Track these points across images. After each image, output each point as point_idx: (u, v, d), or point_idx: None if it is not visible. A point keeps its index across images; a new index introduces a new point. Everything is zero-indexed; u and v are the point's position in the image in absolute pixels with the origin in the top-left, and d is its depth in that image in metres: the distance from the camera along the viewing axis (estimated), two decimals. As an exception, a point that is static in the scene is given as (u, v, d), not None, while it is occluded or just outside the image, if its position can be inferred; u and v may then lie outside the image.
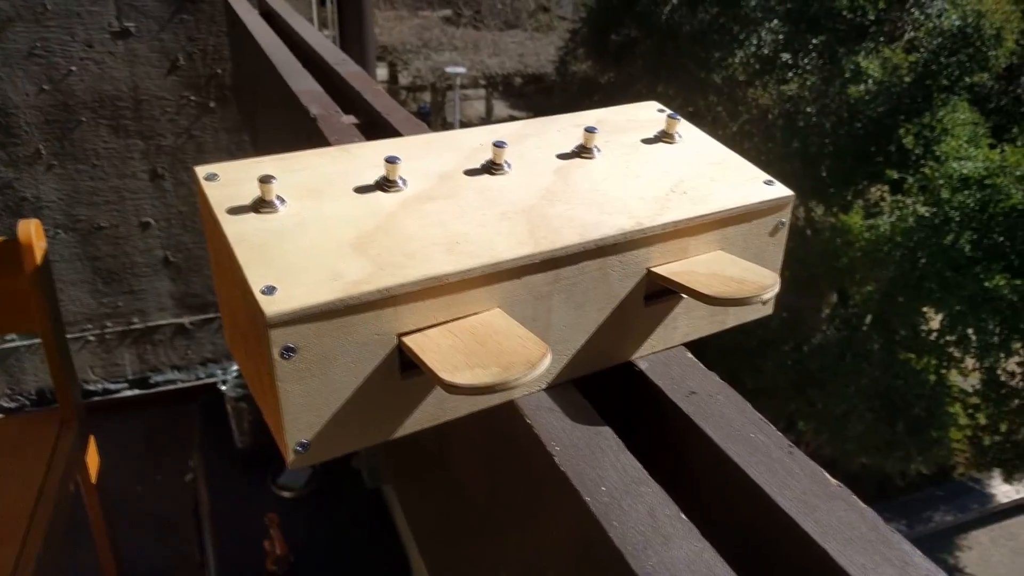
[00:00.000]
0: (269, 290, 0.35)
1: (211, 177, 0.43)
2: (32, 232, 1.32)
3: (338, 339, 0.36)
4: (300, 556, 1.24)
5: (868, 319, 7.34)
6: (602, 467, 0.37)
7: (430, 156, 0.49)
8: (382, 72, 18.82)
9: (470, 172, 0.48)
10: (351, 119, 0.96)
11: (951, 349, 6.84)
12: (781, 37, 8.20)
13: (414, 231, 0.41)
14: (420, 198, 0.44)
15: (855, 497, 0.35)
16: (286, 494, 1.38)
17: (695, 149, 0.55)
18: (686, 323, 0.50)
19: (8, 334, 2.04)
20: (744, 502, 0.36)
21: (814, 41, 7.97)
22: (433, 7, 20.67)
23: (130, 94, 1.96)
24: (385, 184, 0.44)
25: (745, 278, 0.44)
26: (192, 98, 2.02)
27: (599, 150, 0.52)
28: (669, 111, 0.57)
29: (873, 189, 7.81)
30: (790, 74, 8.10)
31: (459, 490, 0.52)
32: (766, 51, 8.38)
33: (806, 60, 8.06)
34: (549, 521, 0.39)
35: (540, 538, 0.40)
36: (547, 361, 0.36)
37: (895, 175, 7.06)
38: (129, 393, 2.25)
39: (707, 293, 0.43)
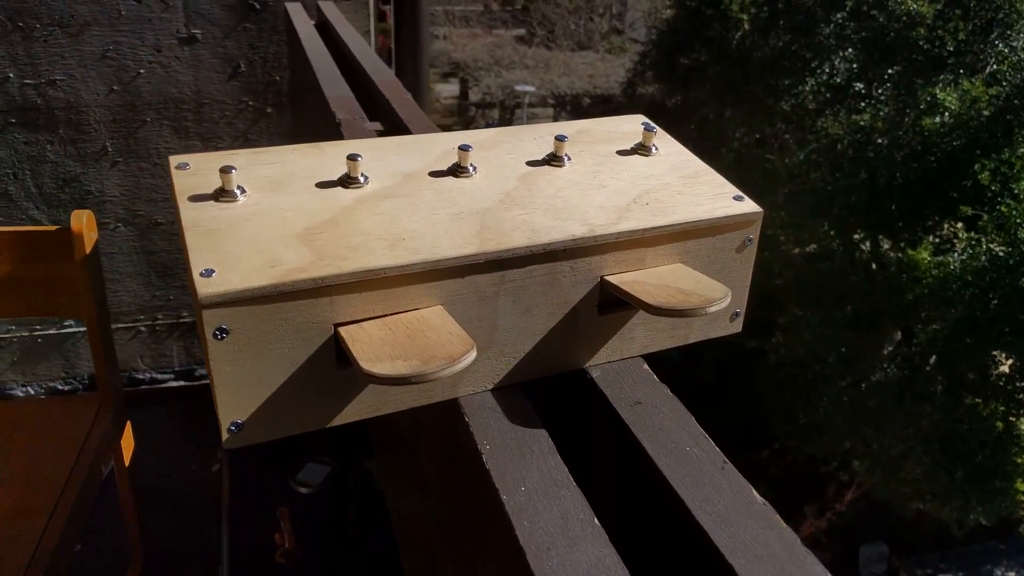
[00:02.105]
0: (208, 272, 0.37)
1: (182, 166, 0.46)
2: (84, 223, 1.39)
3: (273, 324, 0.38)
4: (308, 551, 1.26)
5: (932, 359, 7.06)
6: (527, 468, 0.37)
7: (400, 157, 0.51)
8: (453, 88, 19.12)
9: (435, 174, 0.49)
10: (375, 125, 0.99)
11: (1022, 396, 6.52)
12: (855, 66, 8.02)
13: (364, 226, 0.42)
14: (378, 195, 0.46)
15: (778, 517, 0.35)
16: (303, 490, 1.41)
17: (670, 162, 0.55)
18: (644, 334, 0.50)
19: (58, 318, 2.14)
20: (666, 513, 0.36)
21: (889, 71, 7.77)
22: (507, 26, 20.93)
23: (193, 97, 2.05)
24: (346, 180, 0.46)
25: (694, 291, 0.44)
26: (250, 103, 2.10)
27: (570, 159, 0.52)
28: (649, 124, 0.58)
29: (944, 225, 7.53)
30: (862, 104, 7.91)
31: (423, 482, 0.53)
32: (838, 80, 8.21)
33: (880, 90, 7.85)
34: (479, 518, 0.39)
35: (475, 533, 0.41)
36: (469, 358, 0.36)
37: (969, 211, 6.80)
38: (174, 384, 2.34)
39: (648, 302, 0.43)
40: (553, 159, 0.52)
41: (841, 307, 7.43)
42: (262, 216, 0.42)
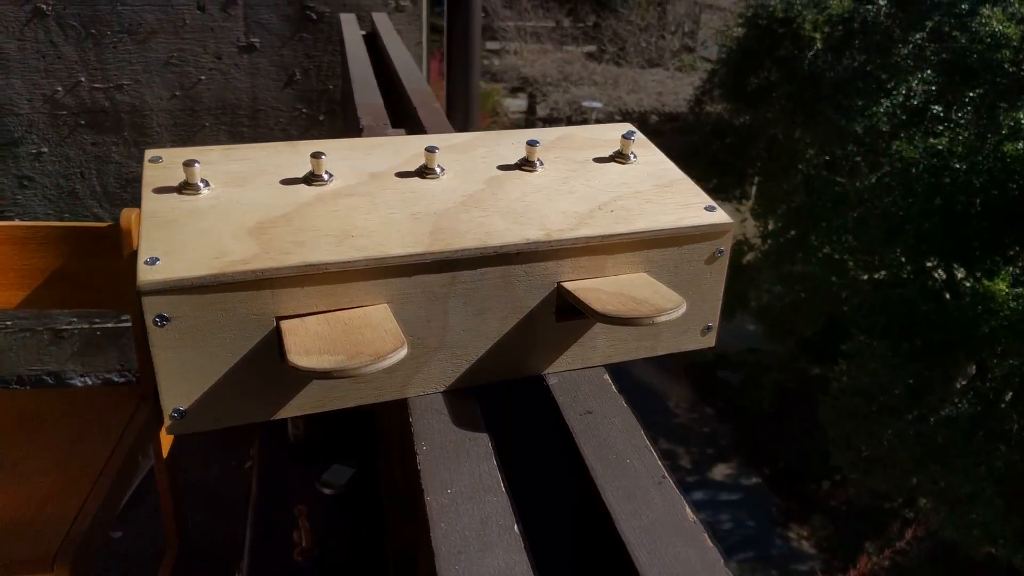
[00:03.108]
0: (152, 261, 0.38)
1: (155, 160, 0.47)
2: (133, 220, 1.45)
3: (214, 314, 0.38)
4: (326, 551, 1.27)
5: (1008, 395, 6.70)
6: (459, 471, 0.36)
7: (372, 157, 0.51)
8: (521, 103, 19.25)
9: (403, 174, 0.49)
10: (398, 132, 1.00)
11: (1105, 440, 6.13)
12: (933, 88, 7.74)
13: (316, 222, 0.43)
14: (339, 193, 0.46)
15: (706, 536, 0.33)
16: (327, 490, 1.42)
17: (646, 171, 0.53)
18: (606, 343, 0.49)
19: (112, 312, 2.22)
20: (595, 523, 0.35)
21: (970, 94, 7.47)
22: (578, 43, 20.99)
23: (249, 103, 2.12)
24: (311, 178, 0.47)
25: (647, 300, 0.43)
26: (304, 110, 2.15)
27: (542, 164, 0.52)
28: (630, 132, 0.57)
29: (1025, 256, 7.17)
30: (940, 127, 7.62)
31: (392, 484, 0.53)
32: (916, 102, 7.93)
33: (960, 113, 7.56)
34: (415, 517, 0.39)
35: (414, 531, 0.41)
36: (396, 356, 0.36)
37: (1052, 243, 6.46)
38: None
39: (596, 309, 0.41)
40: (525, 164, 0.52)
41: (910, 337, 7.14)
42: (219, 209, 0.43)
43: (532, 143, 0.51)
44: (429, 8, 2.30)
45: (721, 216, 0.49)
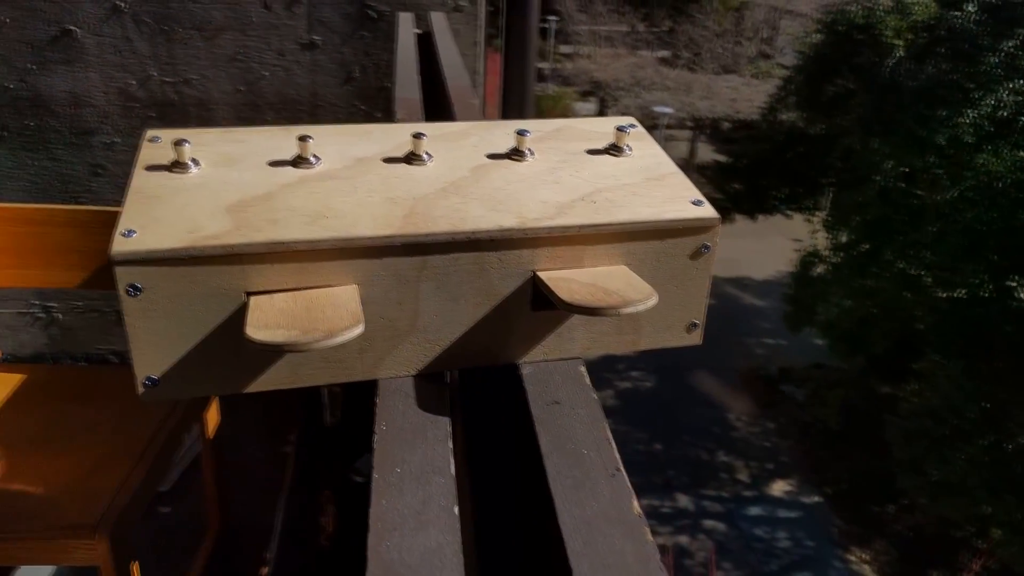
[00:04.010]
0: (128, 233, 0.39)
1: (154, 139, 0.49)
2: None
3: (184, 286, 0.40)
4: (352, 539, 1.30)
5: (1094, 427, 6.32)
6: (412, 451, 0.37)
7: (362, 142, 0.52)
8: (591, 107, 19.20)
9: (389, 160, 0.49)
10: (431, 126, 1.01)
11: None
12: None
13: (294, 203, 0.44)
14: (323, 176, 0.47)
15: (647, 531, 0.32)
16: (359, 478, 1.45)
17: (638, 164, 0.53)
18: (585, 335, 0.48)
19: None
20: (539, 511, 0.35)
21: (1064, 106, 7.08)
22: (652, 48, 20.80)
23: (309, 99, 2.18)
24: (298, 160, 0.47)
25: (617, 291, 0.42)
26: (361, 107, 2.20)
27: (532, 154, 0.51)
28: (626, 124, 0.56)
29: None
30: (1029, 140, 7.24)
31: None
32: (1004, 113, 7.57)
33: (1052, 126, 7.17)
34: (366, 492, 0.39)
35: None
36: (349, 334, 0.36)
37: None
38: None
39: (562, 297, 0.41)
40: (514, 153, 0.51)
41: (989, 359, 6.80)
42: (203, 187, 0.44)
43: (522, 132, 0.51)
44: (487, 9, 2.31)
45: (707, 211, 0.48)
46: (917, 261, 7.76)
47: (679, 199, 0.49)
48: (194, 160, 0.46)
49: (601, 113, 18.81)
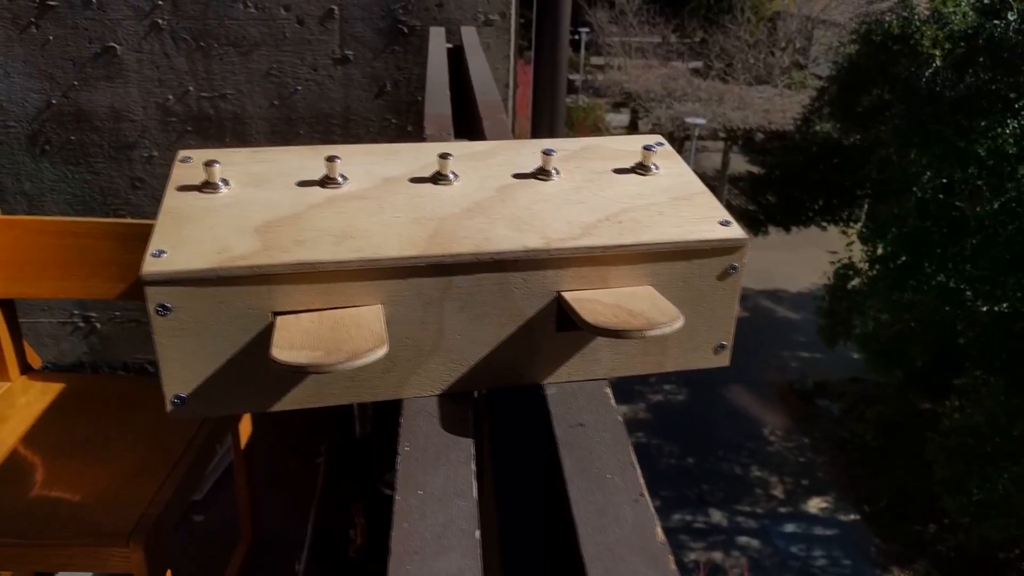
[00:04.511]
0: (158, 253, 0.40)
1: (185, 160, 0.50)
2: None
3: (212, 306, 0.40)
4: (379, 550, 1.30)
5: None
6: (435, 473, 0.37)
7: (390, 162, 0.52)
8: (623, 118, 19.16)
9: (416, 179, 0.50)
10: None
11: None
12: (1068, 108, 7.19)
13: (321, 223, 0.44)
14: (349, 196, 0.47)
15: (671, 560, 0.32)
16: (388, 491, 1.45)
17: (665, 183, 0.52)
18: (610, 356, 0.47)
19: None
20: (563, 536, 0.34)
21: (1111, 115, 6.90)
22: (684, 58, 20.72)
23: (342, 113, 2.20)
24: (325, 180, 0.48)
25: (642, 313, 0.42)
26: (393, 121, 2.22)
27: (558, 173, 0.51)
28: (653, 143, 0.55)
29: None
30: (1074, 150, 7.06)
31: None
32: (1047, 123, 7.39)
33: (1097, 136, 6.98)
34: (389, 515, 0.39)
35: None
36: (374, 355, 0.36)
37: None
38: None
39: (586, 319, 0.41)
40: (540, 173, 0.51)
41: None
42: (232, 208, 0.45)
43: (548, 152, 0.51)
44: (519, 22, 2.32)
45: (735, 231, 0.48)
46: (957, 274, 7.59)
47: (706, 219, 0.48)
48: (224, 180, 0.47)
49: (633, 124, 18.73)
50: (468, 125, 1.11)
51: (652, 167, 0.53)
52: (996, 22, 7.98)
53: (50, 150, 2.21)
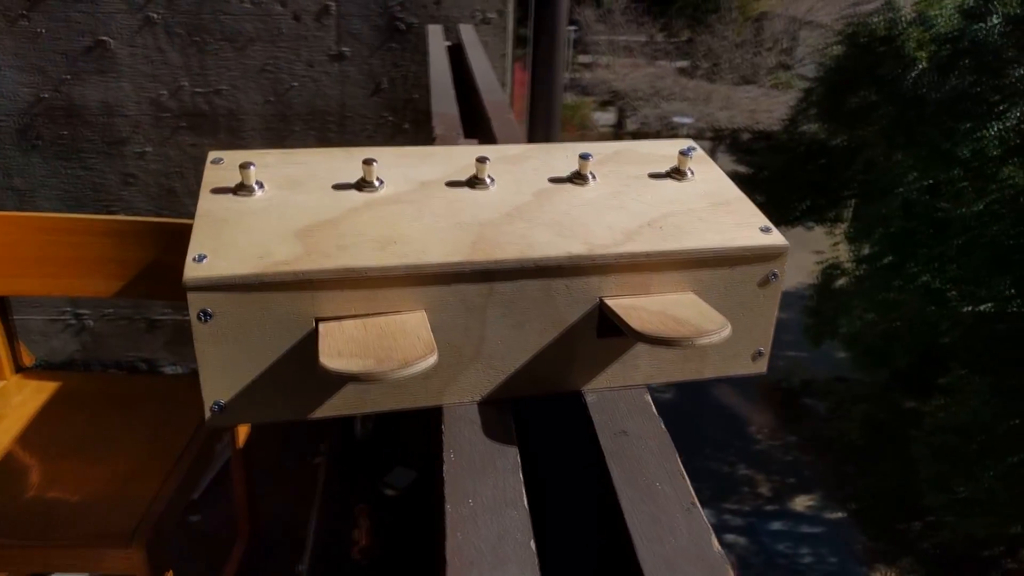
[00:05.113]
0: (200, 258, 0.39)
1: (217, 161, 0.49)
2: (221, 219, 1.52)
3: (255, 312, 0.39)
4: (384, 552, 1.29)
5: (1125, 445, 6.20)
6: (483, 482, 0.36)
7: (425, 165, 0.51)
8: (610, 116, 19.18)
9: (453, 183, 0.49)
10: (470, 142, 1.01)
11: None
12: (1051, 111, 7.27)
13: (362, 227, 0.43)
14: (388, 200, 0.46)
15: (728, 568, 0.32)
16: (389, 492, 1.44)
17: (702, 188, 0.52)
18: (649, 363, 0.47)
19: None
20: (617, 547, 0.34)
21: (1093, 118, 6.98)
22: (671, 58, 20.77)
23: (337, 110, 2.19)
24: (362, 184, 0.47)
25: (688, 320, 0.41)
26: (390, 118, 2.21)
27: (595, 178, 0.51)
28: (688, 147, 0.55)
29: None
30: (1057, 152, 7.14)
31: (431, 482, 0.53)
32: (1030, 125, 7.47)
33: (1080, 138, 7.07)
34: (437, 525, 0.39)
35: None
36: (424, 363, 0.36)
37: None
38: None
39: (633, 327, 0.40)
40: (576, 177, 0.51)
41: (1018, 374, 6.70)
42: (270, 211, 0.44)
43: (585, 156, 0.51)
44: (516, 21, 2.32)
45: (776, 238, 0.47)
46: (942, 274, 7.67)
47: (747, 225, 0.48)
48: (259, 183, 0.46)
49: (620, 123, 18.76)
50: (476, 125, 1.10)
51: (688, 172, 0.53)
52: (980, 25, 8.06)
53: (41, 145, 2.18)
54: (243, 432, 1.66)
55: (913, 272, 7.89)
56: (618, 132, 18.44)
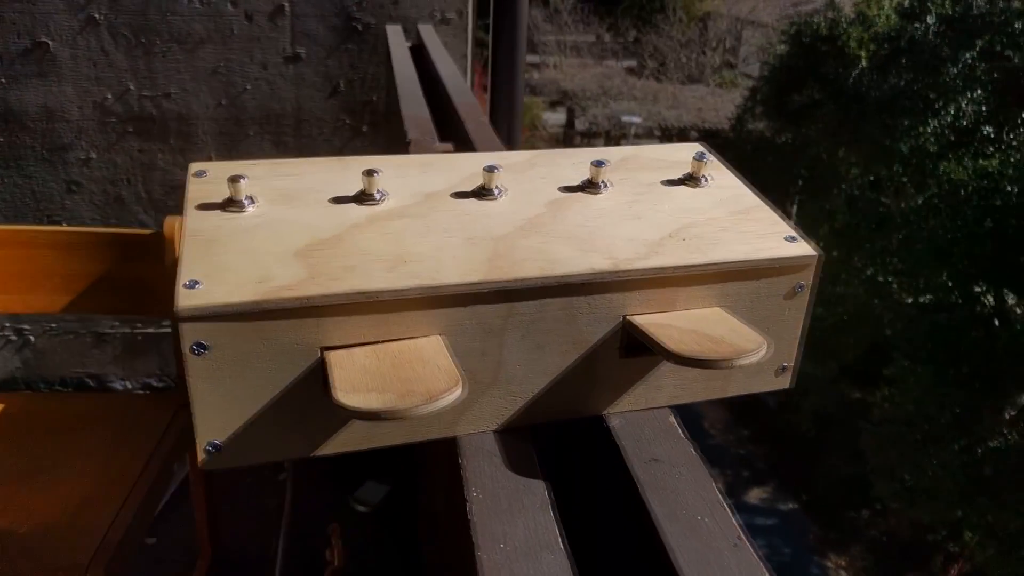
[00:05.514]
0: (192, 284, 0.36)
1: (200, 174, 0.45)
2: (177, 228, 1.45)
3: (255, 343, 0.36)
4: (358, 571, 1.25)
5: (1060, 429, 6.46)
6: (514, 523, 0.33)
7: (426, 175, 0.48)
8: (560, 116, 19.28)
9: (459, 195, 0.46)
10: (446, 146, 0.98)
11: None
12: (984, 108, 7.55)
13: (367, 245, 0.40)
14: (392, 214, 0.43)
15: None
16: (360, 508, 1.40)
17: (720, 195, 0.50)
18: (673, 383, 0.45)
19: (151, 319, 2.24)
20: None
21: (1023, 115, 7.27)
22: (618, 57, 20.98)
23: (293, 113, 2.13)
24: (362, 197, 0.44)
25: (724, 339, 0.39)
26: (347, 121, 2.15)
27: (607, 186, 0.48)
28: (702, 152, 0.53)
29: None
30: (991, 149, 7.42)
31: (434, 517, 0.50)
32: (965, 122, 7.75)
33: (1012, 135, 7.35)
34: (462, 567, 0.36)
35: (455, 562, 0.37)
36: (451, 396, 0.33)
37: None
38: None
39: (671, 349, 0.38)
40: (589, 186, 0.48)
41: (957, 364, 6.93)
42: (265, 229, 0.40)
43: (598, 163, 0.48)
44: (475, 21, 2.28)
45: (803, 248, 0.46)
46: (885, 268, 7.90)
47: (772, 235, 0.46)
48: (249, 197, 0.42)
49: (570, 122, 18.86)
50: (449, 129, 1.07)
51: (702, 179, 0.51)
52: (916, 25, 8.32)
53: (-24, 152, 2.07)
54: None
55: (858, 266, 8.11)
56: (568, 132, 18.55)
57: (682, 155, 0.55)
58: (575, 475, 0.39)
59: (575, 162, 0.53)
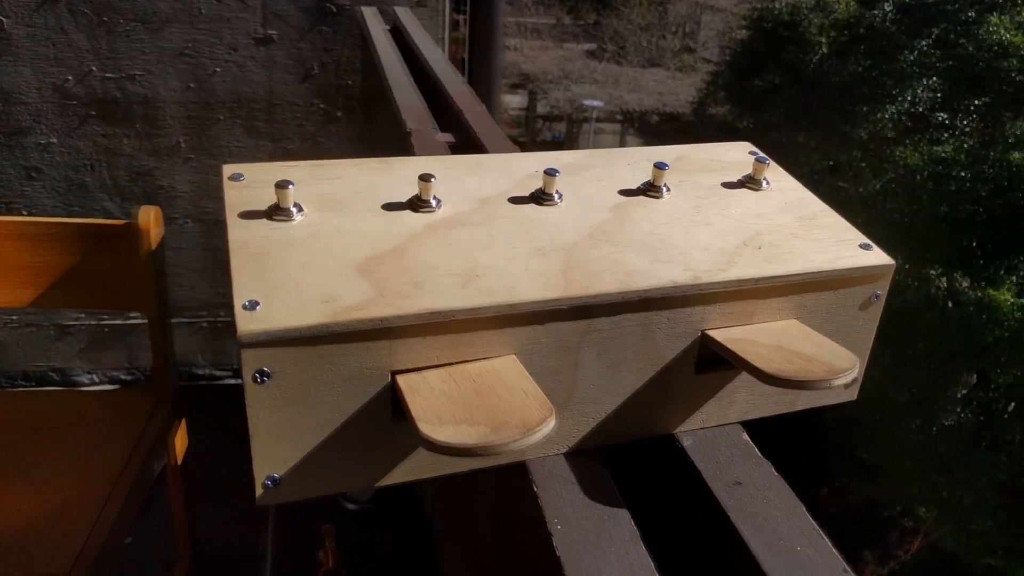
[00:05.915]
0: (251, 305, 0.32)
1: (236, 177, 0.41)
2: (151, 219, 1.39)
3: (321, 369, 0.33)
4: (351, 570, 1.22)
5: (1011, 406, 6.69)
6: (605, 559, 0.31)
7: (477, 178, 0.45)
8: (521, 99, 19.19)
9: (516, 200, 0.43)
10: (446, 137, 0.95)
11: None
12: (938, 95, 7.71)
13: (432, 258, 0.37)
14: (451, 222, 0.40)
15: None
16: (350, 506, 1.37)
17: (783, 199, 0.48)
18: (746, 399, 0.43)
19: (121, 311, 2.16)
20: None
21: (976, 102, 7.45)
22: (578, 40, 20.94)
23: (265, 97, 2.06)
24: (416, 203, 0.41)
25: (816, 357, 0.37)
26: (321, 106, 2.09)
27: (669, 190, 0.46)
28: (760, 154, 0.51)
29: (1029, 265, 7.15)
30: (944, 135, 7.59)
31: (475, 543, 0.47)
32: (920, 109, 7.91)
33: (964, 122, 7.53)
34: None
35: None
36: (548, 427, 0.31)
37: (1057, 253, 6.44)
38: (232, 381, 2.34)
39: (765, 370, 0.36)
40: (650, 189, 0.46)
41: (913, 345, 7.12)
42: (319, 240, 0.37)
43: (661, 166, 0.46)
44: (449, 4, 2.23)
45: (880, 256, 0.44)
46: (844, 251, 8.04)
47: (846, 243, 0.45)
48: (296, 205, 0.39)
49: (531, 106, 18.81)
50: (445, 118, 1.03)
51: (763, 181, 0.49)
52: (874, 12, 8.45)
53: (-73, 137, 1.96)
54: (181, 445, 1.54)
55: (818, 250, 8.23)
56: (529, 115, 18.50)
57: (734, 155, 0.53)
58: (651, 501, 0.37)
59: (629, 162, 0.50)
